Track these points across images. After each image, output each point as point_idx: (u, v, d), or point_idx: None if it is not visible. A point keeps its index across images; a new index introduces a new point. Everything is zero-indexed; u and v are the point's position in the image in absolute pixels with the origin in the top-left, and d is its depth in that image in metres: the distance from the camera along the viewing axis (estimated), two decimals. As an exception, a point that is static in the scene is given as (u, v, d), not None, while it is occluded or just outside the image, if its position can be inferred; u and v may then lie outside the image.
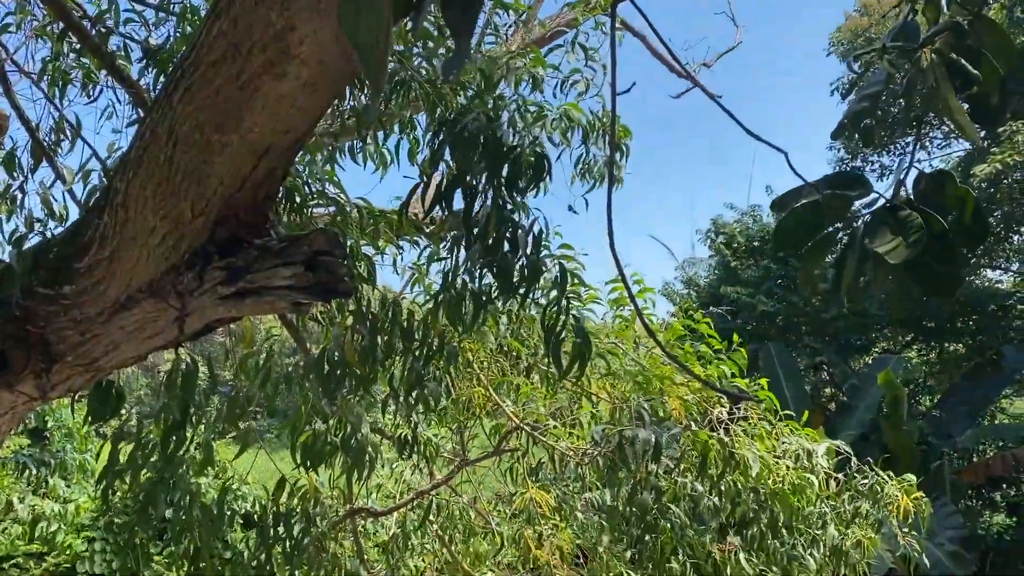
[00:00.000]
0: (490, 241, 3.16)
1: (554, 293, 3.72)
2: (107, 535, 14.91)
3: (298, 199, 3.72)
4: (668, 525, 4.12)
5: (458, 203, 3.35)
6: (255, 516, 4.02)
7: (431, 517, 5.26)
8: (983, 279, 24.29)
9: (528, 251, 3.26)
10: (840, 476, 5.39)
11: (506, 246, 3.29)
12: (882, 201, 2.12)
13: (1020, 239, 22.18)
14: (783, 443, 4.94)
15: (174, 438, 3.47)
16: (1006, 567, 20.40)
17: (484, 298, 3.64)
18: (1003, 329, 21.76)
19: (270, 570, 4.09)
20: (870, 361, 23.30)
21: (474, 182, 3.17)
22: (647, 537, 4.22)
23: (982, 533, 22.16)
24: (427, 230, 4.68)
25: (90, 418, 3.51)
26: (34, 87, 5.56)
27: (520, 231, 3.24)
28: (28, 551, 15.19)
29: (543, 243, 3.42)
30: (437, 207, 3.22)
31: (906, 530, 5.39)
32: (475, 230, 3.18)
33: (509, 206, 3.23)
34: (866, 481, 5.26)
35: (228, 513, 4.21)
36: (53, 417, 10.64)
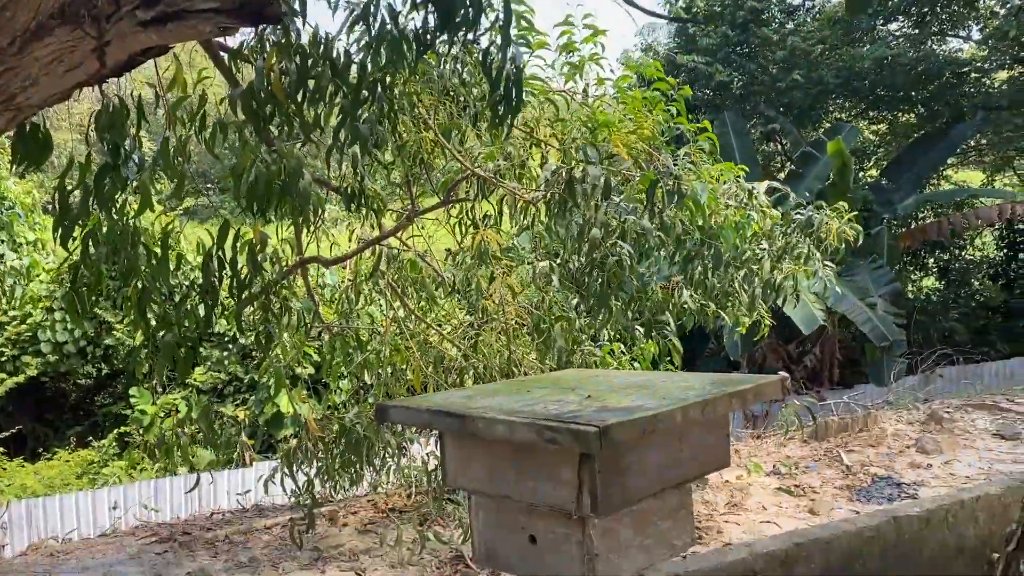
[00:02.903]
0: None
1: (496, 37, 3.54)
2: (65, 304, 15.10)
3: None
4: (616, 260, 4.19)
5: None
6: (200, 264, 3.99)
7: (382, 267, 5.33)
8: (943, 48, 23.98)
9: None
10: (778, 211, 5.54)
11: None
12: None
13: (985, 4, 21.62)
14: (725, 185, 5.02)
15: (108, 180, 3.37)
16: (928, 324, 21.94)
17: (425, 37, 3.46)
18: (956, 96, 21.80)
19: (217, 312, 4.13)
20: (823, 131, 23.39)
21: None
22: (595, 273, 4.32)
23: (912, 295, 23.58)
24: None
25: (17, 162, 3.37)
26: None
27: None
28: (-12, 322, 15.39)
29: None
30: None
31: (829, 264, 5.67)
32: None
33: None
34: (801, 215, 5.43)
35: (174, 261, 4.15)
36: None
